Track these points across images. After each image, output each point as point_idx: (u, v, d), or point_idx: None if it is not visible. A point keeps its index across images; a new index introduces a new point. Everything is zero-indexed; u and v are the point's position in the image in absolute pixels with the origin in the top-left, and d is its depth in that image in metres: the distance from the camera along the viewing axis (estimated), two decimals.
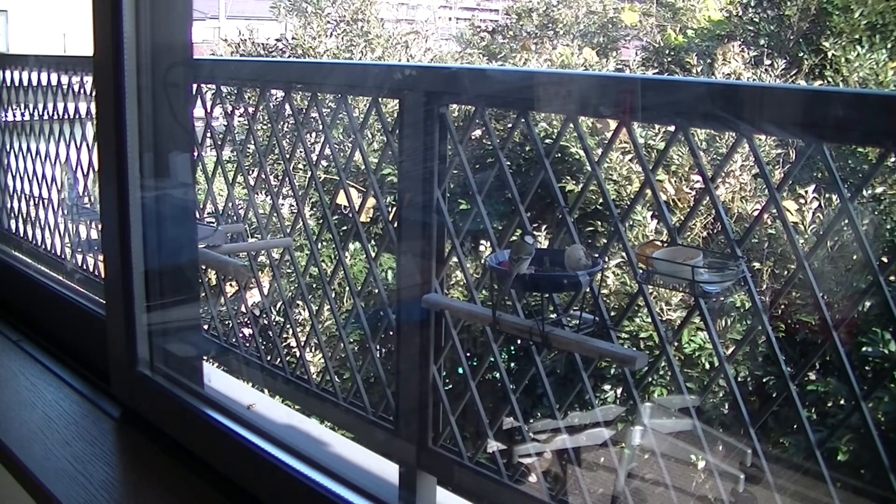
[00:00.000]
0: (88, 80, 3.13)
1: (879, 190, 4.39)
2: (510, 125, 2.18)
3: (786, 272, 4.35)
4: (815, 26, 5.56)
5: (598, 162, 1.97)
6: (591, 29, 7.79)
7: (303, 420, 2.55)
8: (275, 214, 2.82)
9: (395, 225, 2.15)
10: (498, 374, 2.38)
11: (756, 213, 4.45)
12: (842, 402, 3.90)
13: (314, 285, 5.11)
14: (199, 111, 2.71)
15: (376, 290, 2.62)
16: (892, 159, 3.41)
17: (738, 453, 3.18)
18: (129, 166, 1.55)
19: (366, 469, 1.92)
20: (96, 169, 2.09)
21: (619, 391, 4.45)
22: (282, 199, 4.29)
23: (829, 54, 5.29)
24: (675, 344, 4.11)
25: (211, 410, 1.48)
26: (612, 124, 1.90)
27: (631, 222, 4.21)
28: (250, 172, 2.91)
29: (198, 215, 3.00)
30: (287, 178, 2.68)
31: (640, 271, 1.77)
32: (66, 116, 3.33)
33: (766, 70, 5.23)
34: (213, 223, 3.02)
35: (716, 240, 4.66)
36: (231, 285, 4.16)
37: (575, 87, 1.83)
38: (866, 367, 3.91)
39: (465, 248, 2.99)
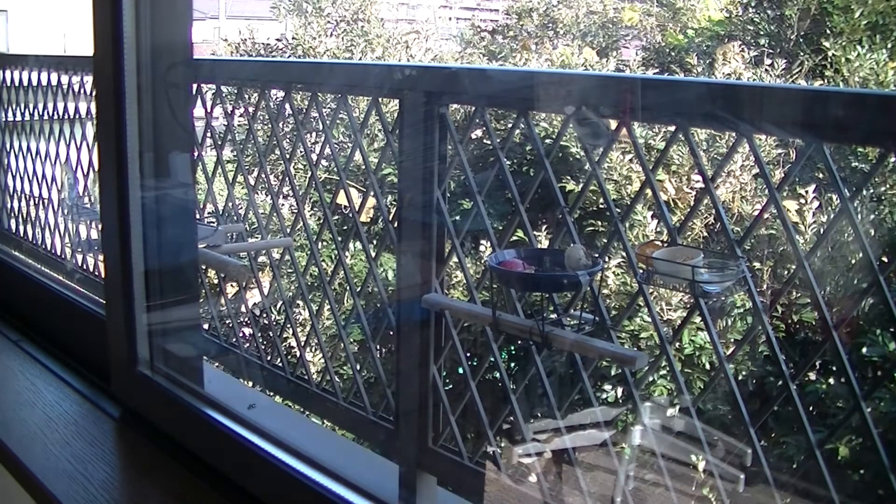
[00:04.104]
0: (88, 80, 3.13)
1: (880, 190, 4.39)
2: (510, 125, 2.18)
3: (786, 272, 4.35)
4: (815, 26, 5.56)
5: (598, 162, 1.97)
6: (591, 29, 7.78)
7: (303, 420, 2.55)
8: (275, 214, 2.82)
9: (396, 225, 2.15)
10: (498, 374, 2.38)
11: (756, 214, 4.45)
12: (840, 403, 3.90)
13: (315, 285, 5.11)
14: (199, 111, 2.71)
15: (376, 290, 2.62)
16: (893, 159, 3.41)
17: (738, 453, 3.18)
18: (129, 166, 1.55)
19: (366, 469, 1.92)
20: (96, 169, 2.09)
21: (619, 391, 4.45)
22: (282, 199, 4.29)
23: (829, 54, 5.29)
24: (676, 344, 4.11)
25: (211, 410, 1.48)
26: (613, 124, 1.90)
27: (631, 222, 4.21)
28: (250, 172, 2.91)
29: (198, 215, 3.00)
30: (287, 178, 2.68)
31: (641, 271, 1.77)
32: (66, 116, 3.33)
33: (766, 70, 5.23)
34: (213, 223, 3.03)
35: (716, 240, 4.66)
36: (231, 285, 4.16)
37: (575, 87, 1.83)
38: (866, 367, 3.92)
39: (465, 248, 2.99)
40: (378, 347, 2.80)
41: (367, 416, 2.37)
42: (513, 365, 4.68)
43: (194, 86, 2.27)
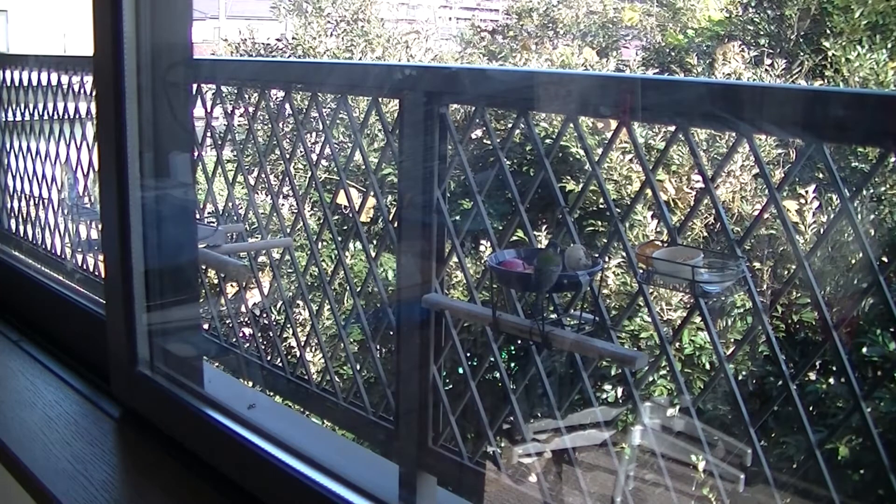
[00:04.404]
0: (88, 80, 3.13)
1: (880, 190, 4.39)
2: (510, 125, 2.19)
3: (786, 272, 4.35)
4: (815, 26, 5.56)
5: (598, 162, 1.97)
6: (591, 29, 7.79)
7: (303, 420, 2.55)
8: (275, 214, 2.82)
9: (396, 225, 2.15)
10: (498, 374, 2.39)
11: (756, 214, 4.45)
12: (840, 403, 3.90)
13: (315, 285, 5.11)
14: (199, 111, 2.71)
15: (376, 290, 2.62)
16: (893, 159, 3.41)
17: (738, 453, 3.18)
18: (129, 166, 1.55)
19: (366, 469, 1.92)
20: (96, 169, 2.09)
21: (619, 391, 4.45)
22: (282, 199, 4.29)
23: (829, 54, 5.29)
24: (676, 344, 4.11)
25: (211, 410, 1.48)
26: (613, 124, 1.90)
27: (631, 222, 4.21)
28: (250, 172, 2.92)
29: (198, 215, 3.00)
30: (287, 178, 2.68)
31: (641, 271, 1.77)
32: (66, 116, 3.33)
33: (766, 70, 5.23)
34: (213, 223, 3.03)
35: (716, 240, 4.67)
36: (231, 285, 4.16)
37: (575, 87, 1.83)
38: (866, 368, 3.92)
39: (465, 248, 2.99)
40: (378, 347, 2.80)
41: (366, 416, 2.37)
42: (513, 365, 4.68)
43: (194, 86, 2.26)
